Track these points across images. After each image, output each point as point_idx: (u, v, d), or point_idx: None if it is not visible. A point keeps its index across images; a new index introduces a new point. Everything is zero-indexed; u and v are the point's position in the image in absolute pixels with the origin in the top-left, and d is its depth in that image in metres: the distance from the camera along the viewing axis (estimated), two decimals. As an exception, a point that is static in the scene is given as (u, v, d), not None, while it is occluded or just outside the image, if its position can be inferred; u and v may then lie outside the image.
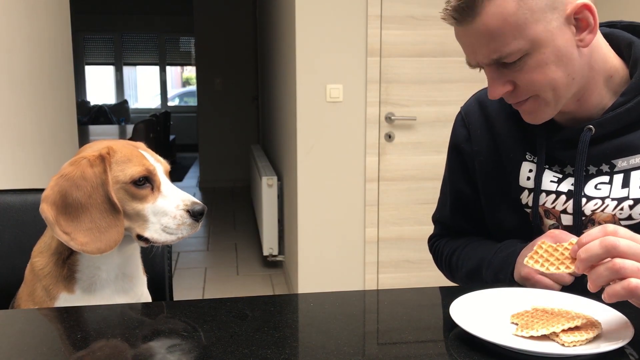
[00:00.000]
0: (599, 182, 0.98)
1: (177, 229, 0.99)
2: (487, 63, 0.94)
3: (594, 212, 0.98)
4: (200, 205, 1.00)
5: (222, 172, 6.84)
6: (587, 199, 0.99)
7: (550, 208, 1.03)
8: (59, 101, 2.82)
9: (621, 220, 0.96)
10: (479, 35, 0.91)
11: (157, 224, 0.99)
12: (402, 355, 0.73)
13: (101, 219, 0.96)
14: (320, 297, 0.95)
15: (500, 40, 0.90)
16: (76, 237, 0.95)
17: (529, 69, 0.92)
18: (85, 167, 0.97)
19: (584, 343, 0.73)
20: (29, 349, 0.76)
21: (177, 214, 0.99)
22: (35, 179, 2.46)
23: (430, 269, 3.31)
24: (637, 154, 0.95)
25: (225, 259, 4.21)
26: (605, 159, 0.98)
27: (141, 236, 1.00)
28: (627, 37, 1.00)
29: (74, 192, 0.95)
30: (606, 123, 0.96)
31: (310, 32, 2.99)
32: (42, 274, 1.01)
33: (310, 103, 3.04)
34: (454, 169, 1.21)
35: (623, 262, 0.71)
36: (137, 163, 0.99)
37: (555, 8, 0.89)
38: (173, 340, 0.77)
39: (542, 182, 1.03)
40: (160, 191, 1.00)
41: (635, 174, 0.96)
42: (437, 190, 1.26)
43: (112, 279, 1.04)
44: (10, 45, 2.26)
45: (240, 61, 6.63)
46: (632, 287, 0.70)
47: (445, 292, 0.96)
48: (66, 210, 0.95)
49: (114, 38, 10.19)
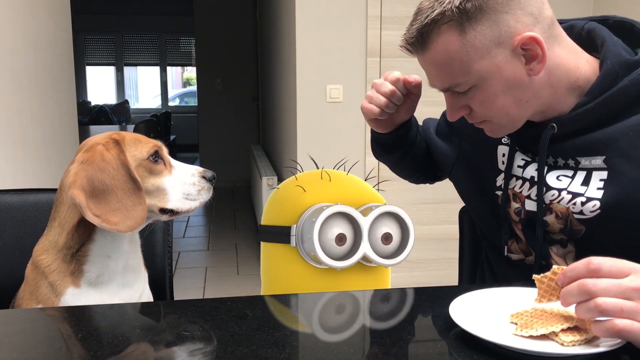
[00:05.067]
0: (562, 174, 1.02)
1: (198, 194, 1.06)
2: (441, 90, 1.01)
3: (552, 202, 1.02)
4: (210, 171, 1.09)
5: (222, 172, 6.85)
6: (547, 188, 1.02)
7: (518, 192, 1.07)
8: (60, 101, 2.83)
9: (575, 213, 0.99)
10: (430, 66, 0.98)
11: (178, 193, 1.05)
12: (402, 355, 0.73)
13: (126, 198, 1.00)
14: (320, 297, 0.96)
15: (449, 73, 0.96)
16: (108, 218, 0.98)
17: (479, 99, 0.97)
18: (103, 151, 1.01)
19: (583, 342, 0.73)
20: (30, 348, 0.76)
21: (195, 181, 1.07)
22: (36, 179, 2.47)
23: (431, 268, 3.32)
24: (597, 155, 0.97)
25: (226, 259, 4.22)
26: (571, 154, 1.00)
27: (164, 209, 1.05)
28: (603, 37, 1.01)
29: (98, 175, 0.99)
30: (567, 122, 0.99)
31: (311, 32, 2.99)
32: (49, 270, 1.02)
33: (310, 103, 3.04)
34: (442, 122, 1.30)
35: (605, 302, 0.69)
36: (147, 142, 1.06)
37: (501, 42, 0.92)
38: (173, 340, 0.77)
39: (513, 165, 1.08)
40: (172, 165, 1.08)
41: (595, 174, 0.98)
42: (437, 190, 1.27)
43: (120, 270, 1.06)
44: (12, 46, 2.27)
45: (240, 61, 6.63)
46: (618, 330, 0.69)
47: (445, 291, 0.97)
48: (93, 193, 0.98)
49: (115, 38, 10.20)
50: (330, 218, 1.11)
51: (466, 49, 0.92)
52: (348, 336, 0.79)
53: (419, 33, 0.95)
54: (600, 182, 0.97)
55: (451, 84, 0.97)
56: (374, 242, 1.13)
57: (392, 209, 1.15)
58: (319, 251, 1.09)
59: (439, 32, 0.93)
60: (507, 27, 0.91)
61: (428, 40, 0.95)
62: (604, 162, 0.97)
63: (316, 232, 1.09)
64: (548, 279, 0.76)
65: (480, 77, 0.94)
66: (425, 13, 0.94)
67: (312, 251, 1.10)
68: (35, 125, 2.49)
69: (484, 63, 0.93)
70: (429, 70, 0.99)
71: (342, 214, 1.12)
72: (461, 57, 0.93)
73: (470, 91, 0.96)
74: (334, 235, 1.10)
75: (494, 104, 0.97)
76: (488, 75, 0.94)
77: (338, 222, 1.12)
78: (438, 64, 0.96)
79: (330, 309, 0.90)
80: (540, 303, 0.78)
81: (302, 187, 1.17)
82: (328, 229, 1.11)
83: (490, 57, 0.93)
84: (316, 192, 1.17)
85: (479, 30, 0.91)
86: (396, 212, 1.15)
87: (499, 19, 0.91)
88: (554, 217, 1.02)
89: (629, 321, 0.68)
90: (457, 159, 1.22)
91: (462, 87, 0.96)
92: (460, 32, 0.92)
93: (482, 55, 0.92)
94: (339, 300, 0.94)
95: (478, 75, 0.94)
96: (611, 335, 0.70)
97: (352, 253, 1.12)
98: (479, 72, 0.94)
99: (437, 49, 0.94)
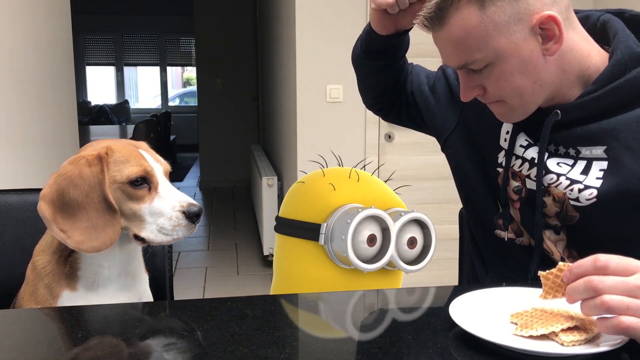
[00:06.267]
0: (562, 161, 1.02)
1: (173, 230, 0.99)
2: (456, 67, 0.99)
3: (550, 185, 1.02)
4: (197, 206, 1.00)
5: (222, 172, 6.85)
6: (546, 171, 1.02)
7: (518, 171, 1.07)
8: (60, 101, 2.83)
9: (571, 200, 1.00)
10: (447, 42, 0.96)
11: (154, 224, 0.99)
12: (402, 355, 0.73)
13: (98, 217, 0.96)
14: (320, 297, 0.96)
15: (465, 49, 0.94)
16: (72, 235, 0.95)
17: (495, 77, 0.96)
18: (83, 166, 0.97)
19: (583, 342, 0.73)
20: (30, 348, 0.76)
21: (173, 215, 0.99)
22: (36, 179, 2.47)
23: (431, 268, 3.31)
24: (599, 145, 0.97)
25: (226, 259, 4.22)
26: (572, 143, 1.00)
27: (138, 236, 1.01)
28: (616, 28, 1.01)
29: (71, 190, 0.96)
30: (572, 109, 0.99)
31: (310, 32, 2.99)
32: (44, 272, 1.01)
33: (310, 103, 3.04)
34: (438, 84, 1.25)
35: (611, 300, 0.69)
36: (135, 163, 0.99)
37: (520, 19, 0.91)
38: (173, 340, 0.77)
39: (515, 143, 1.07)
40: (158, 192, 1.00)
41: (596, 164, 0.98)
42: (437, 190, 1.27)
43: (115, 276, 1.04)
44: (12, 46, 2.27)
45: (240, 61, 6.63)
46: (624, 327, 0.68)
47: (445, 292, 0.97)
48: (63, 208, 0.96)
49: (115, 38, 10.20)
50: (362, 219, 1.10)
51: (485, 24, 0.91)
52: (348, 336, 0.79)
53: (438, 7, 0.93)
54: (600, 172, 0.97)
55: (467, 60, 0.95)
56: (399, 246, 1.14)
57: (421, 217, 1.15)
58: (350, 253, 1.08)
59: (459, 6, 0.92)
60: (526, 5, 0.91)
61: (447, 15, 0.93)
62: (604, 152, 0.97)
63: (350, 235, 1.08)
64: (554, 275, 0.76)
65: (497, 54, 0.93)
66: None
67: (344, 252, 1.09)
68: (35, 125, 2.49)
69: (502, 40, 0.92)
70: (445, 47, 0.97)
71: (372, 216, 1.11)
72: (479, 32, 0.92)
73: (486, 69, 0.95)
74: (366, 237, 1.10)
75: (509, 83, 0.96)
76: (505, 53, 0.93)
77: (369, 223, 1.11)
78: (455, 41, 0.94)
79: (331, 309, 0.90)
80: (545, 299, 0.78)
81: (332, 185, 1.16)
82: (360, 231, 1.10)
83: (508, 34, 0.92)
84: (346, 192, 1.16)
85: (499, 5, 0.90)
86: (424, 220, 1.16)
87: None
88: (551, 199, 1.02)
89: (635, 319, 0.68)
90: (457, 125, 1.19)
91: (478, 65, 0.95)
92: (480, 7, 0.91)
93: (501, 31, 0.91)
94: (339, 300, 0.94)
95: (495, 52, 0.93)
96: (617, 333, 0.70)
97: (379, 256, 1.12)
98: (496, 49, 0.92)
99: (456, 24, 0.93)
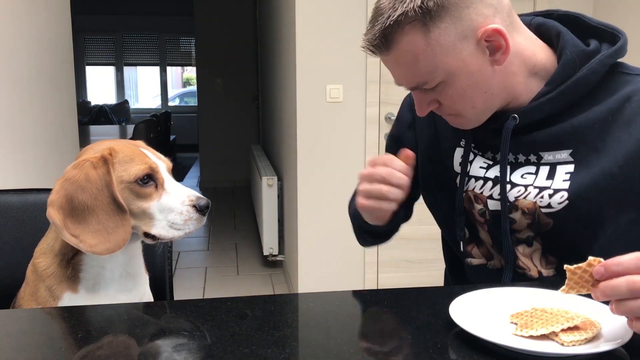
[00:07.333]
0: (526, 171, 1.01)
1: (184, 224, 1.00)
2: (409, 89, 0.99)
3: (517, 198, 1.01)
4: (205, 199, 1.01)
5: (222, 172, 6.85)
6: (512, 185, 1.01)
7: (479, 193, 1.05)
8: (60, 101, 2.83)
9: (542, 207, 0.99)
10: (395, 66, 0.97)
11: (164, 220, 1.00)
12: (402, 355, 0.73)
13: (108, 219, 0.96)
14: (320, 297, 0.96)
15: (415, 73, 0.95)
16: (85, 239, 0.95)
17: (447, 94, 0.97)
18: (89, 169, 0.97)
19: (583, 343, 0.73)
20: (30, 348, 0.76)
21: (184, 210, 1.00)
22: (36, 179, 2.47)
23: (431, 268, 3.31)
24: (562, 149, 0.97)
25: (226, 259, 4.22)
26: (533, 149, 1.00)
27: (148, 234, 1.01)
28: (557, 28, 1.01)
29: (79, 195, 0.96)
30: (529, 112, 0.99)
31: (310, 32, 2.99)
32: (46, 274, 1.01)
33: (310, 103, 3.04)
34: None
35: None
36: (140, 162, 1.00)
37: (465, 37, 0.92)
38: (173, 340, 0.77)
39: (472, 167, 1.06)
40: (165, 188, 1.01)
41: (560, 168, 0.98)
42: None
43: (116, 277, 1.05)
44: (12, 46, 2.27)
45: (240, 61, 6.63)
46: None
47: (445, 291, 0.97)
48: (73, 213, 0.96)
49: (115, 38, 10.20)
50: None
51: (431, 47, 0.91)
52: (348, 336, 0.79)
53: (382, 34, 0.93)
54: (567, 174, 0.97)
55: (419, 82, 0.96)
56: None
57: None
58: None
59: (403, 32, 0.91)
60: (469, 22, 0.91)
61: (392, 41, 0.93)
62: (570, 155, 0.97)
63: None
64: (582, 270, 0.73)
65: (447, 73, 0.93)
66: (387, 13, 0.91)
67: None
68: (35, 125, 2.49)
69: (450, 59, 0.92)
70: (395, 70, 0.98)
71: None
72: (427, 55, 0.92)
73: (438, 87, 0.96)
74: None
75: (461, 98, 0.96)
76: (455, 71, 0.93)
77: None
78: (404, 64, 0.95)
79: (330, 309, 0.90)
80: (567, 294, 0.75)
81: None
82: None
83: (455, 53, 0.92)
84: None
85: (443, 27, 0.90)
86: None
87: (462, 14, 0.90)
88: (520, 213, 1.01)
89: None
90: (418, 143, 1.18)
91: (430, 84, 0.95)
92: (425, 31, 0.91)
93: (448, 51, 0.92)
94: (339, 300, 0.94)
95: (445, 72, 0.93)
96: None
97: None
98: (445, 69, 0.93)
99: (402, 49, 0.93)
